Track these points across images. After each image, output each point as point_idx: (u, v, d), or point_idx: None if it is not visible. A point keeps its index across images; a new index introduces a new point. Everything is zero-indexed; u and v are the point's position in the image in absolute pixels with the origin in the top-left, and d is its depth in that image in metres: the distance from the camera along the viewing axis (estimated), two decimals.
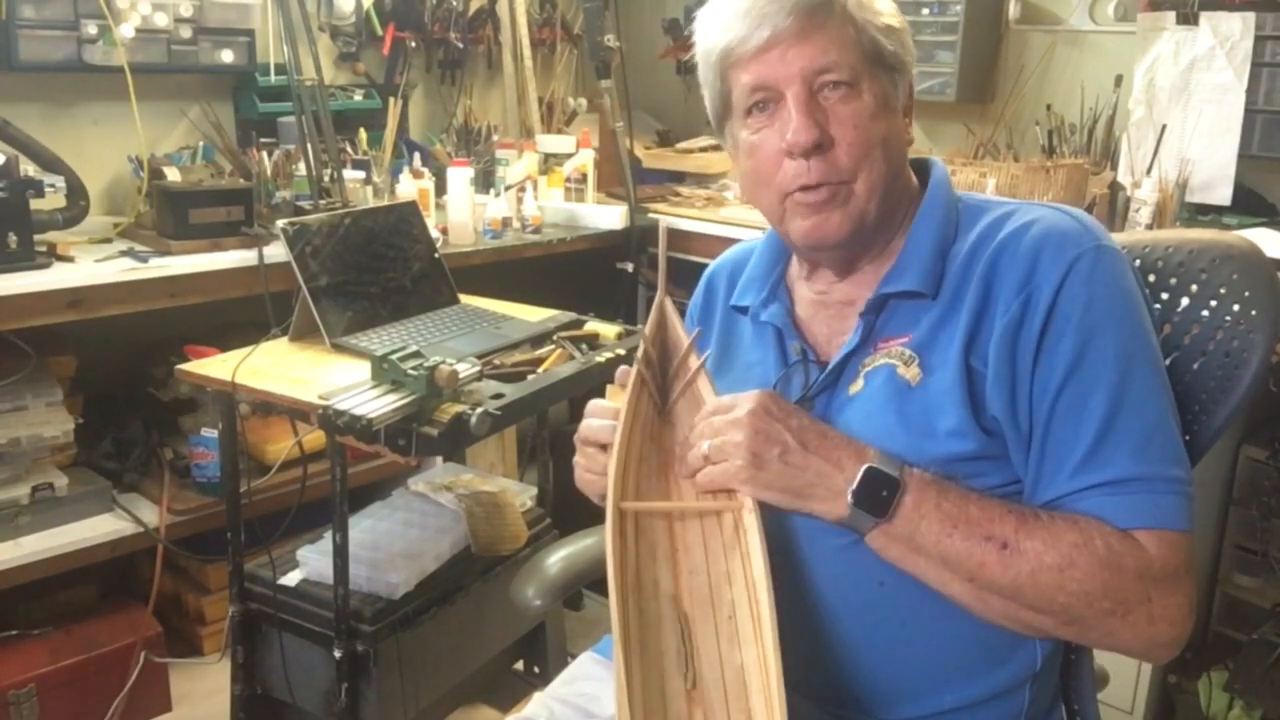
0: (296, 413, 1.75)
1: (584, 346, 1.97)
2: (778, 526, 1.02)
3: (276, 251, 2.20)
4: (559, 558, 1.35)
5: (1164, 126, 2.41)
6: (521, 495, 2.21)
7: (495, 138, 3.09)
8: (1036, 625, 0.92)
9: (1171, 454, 0.92)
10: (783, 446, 0.93)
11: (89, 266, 2.09)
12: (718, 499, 1.00)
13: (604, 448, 1.04)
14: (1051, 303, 0.93)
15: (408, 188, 2.61)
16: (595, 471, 1.05)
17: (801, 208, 1.01)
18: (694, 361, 1.05)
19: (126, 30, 2.33)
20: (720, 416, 0.96)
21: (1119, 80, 2.58)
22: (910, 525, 0.91)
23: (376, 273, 2.06)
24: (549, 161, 2.98)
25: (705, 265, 1.28)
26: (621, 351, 1.94)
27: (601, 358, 1.91)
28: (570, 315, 2.15)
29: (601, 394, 1.11)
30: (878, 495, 0.91)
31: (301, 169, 2.49)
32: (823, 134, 0.98)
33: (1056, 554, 0.88)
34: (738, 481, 0.94)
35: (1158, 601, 0.88)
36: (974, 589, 0.91)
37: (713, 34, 1.02)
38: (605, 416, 1.04)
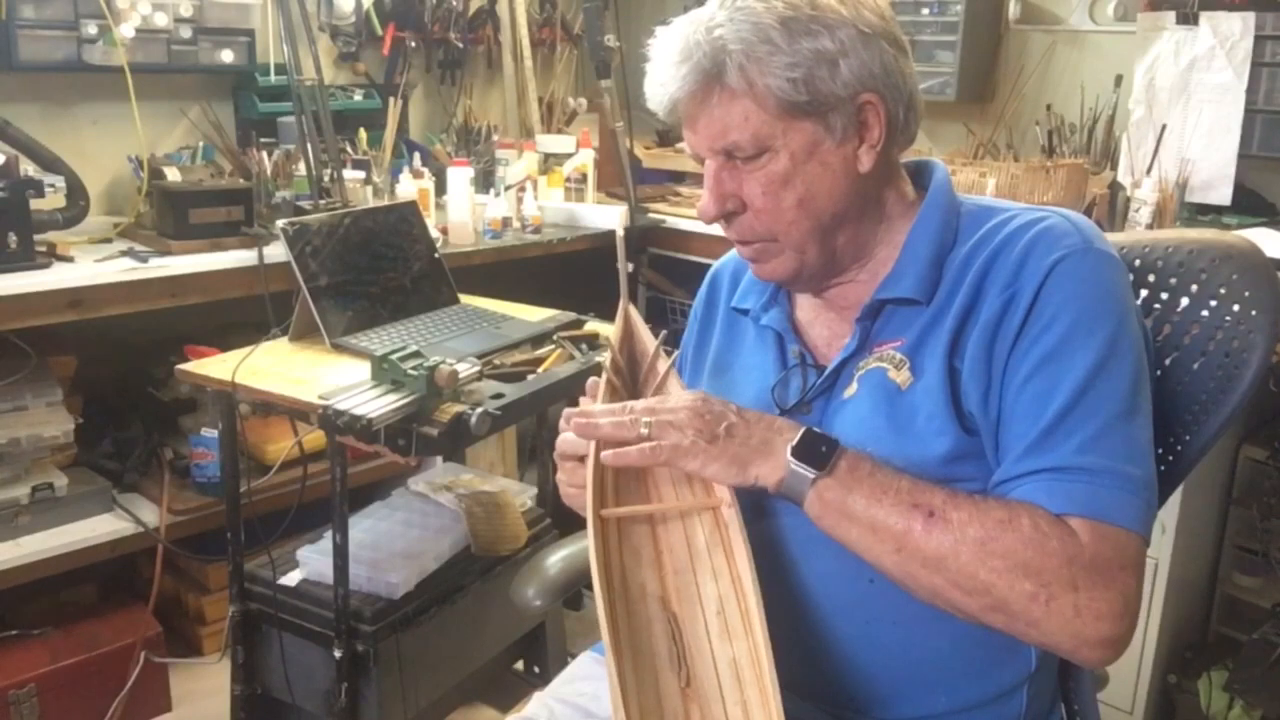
0: (296, 413, 1.75)
1: (584, 346, 1.97)
2: (767, 525, 1.02)
3: (276, 251, 2.20)
4: (559, 558, 1.35)
5: (1164, 126, 2.41)
6: (521, 495, 2.21)
7: (495, 138, 3.09)
8: (963, 607, 0.90)
9: (1127, 452, 0.90)
10: (728, 421, 0.95)
11: (89, 266, 2.09)
12: (696, 496, 1.00)
13: (583, 460, 1.01)
14: (1033, 298, 0.93)
15: (408, 188, 2.61)
16: (578, 485, 1.02)
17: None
18: (662, 365, 1.04)
19: (126, 30, 2.33)
20: (661, 406, 0.96)
21: (1119, 80, 2.58)
22: (844, 489, 0.91)
23: (376, 273, 2.06)
24: (549, 161, 2.98)
25: (705, 265, 1.28)
26: None
27: (601, 357, 1.91)
28: (570, 315, 2.15)
29: None
30: (817, 450, 0.92)
31: (301, 169, 2.49)
32: (734, 201, 1.01)
33: (981, 527, 0.88)
34: (687, 456, 0.93)
35: (1085, 592, 0.85)
36: (901, 561, 0.90)
37: (651, 93, 1.02)
38: None
